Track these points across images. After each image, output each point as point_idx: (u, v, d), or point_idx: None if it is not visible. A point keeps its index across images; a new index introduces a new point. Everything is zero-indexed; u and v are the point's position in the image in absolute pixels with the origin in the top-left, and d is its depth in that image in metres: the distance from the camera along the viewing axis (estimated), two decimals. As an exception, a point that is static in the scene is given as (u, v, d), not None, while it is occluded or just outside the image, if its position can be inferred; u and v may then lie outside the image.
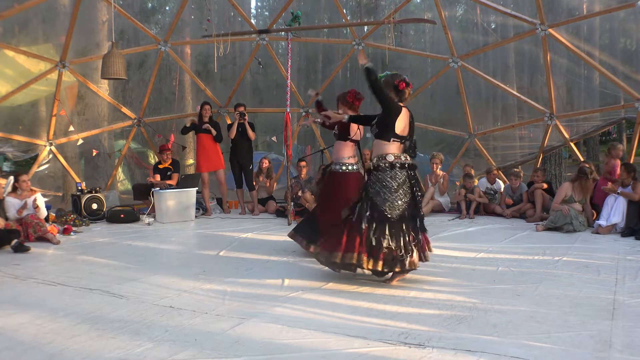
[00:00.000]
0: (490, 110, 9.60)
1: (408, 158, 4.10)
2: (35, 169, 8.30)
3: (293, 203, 7.60)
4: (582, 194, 6.70)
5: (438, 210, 8.24)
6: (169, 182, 7.98)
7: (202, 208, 8.29)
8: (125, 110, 9.15)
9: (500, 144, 9.45)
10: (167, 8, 12.50)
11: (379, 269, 4.01)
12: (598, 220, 6.43)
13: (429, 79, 9.51)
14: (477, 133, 9.07)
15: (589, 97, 8.64)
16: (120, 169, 9.79)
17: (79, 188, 7.88)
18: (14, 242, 5.49)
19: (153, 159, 10.14)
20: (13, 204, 6.11)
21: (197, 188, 7.91)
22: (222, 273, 4.50)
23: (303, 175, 8.25)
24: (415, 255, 4.04)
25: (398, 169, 4.00)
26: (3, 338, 3.01)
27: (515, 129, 9.22)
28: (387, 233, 3.94)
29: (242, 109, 8.22)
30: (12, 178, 6.35)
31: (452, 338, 2.97)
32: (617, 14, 8.07)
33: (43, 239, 5.99)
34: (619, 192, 6.36)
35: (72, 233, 6.57)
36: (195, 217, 7.85)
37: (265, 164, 8.65)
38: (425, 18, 8.51)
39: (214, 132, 8.16)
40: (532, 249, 5.44)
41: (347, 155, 5.03)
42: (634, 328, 3.10)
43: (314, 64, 11.16)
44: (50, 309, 3.52)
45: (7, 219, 5.98)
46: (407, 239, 3.99)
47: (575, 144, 8.72)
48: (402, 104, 4.12)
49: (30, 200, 6.21)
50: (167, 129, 9.92)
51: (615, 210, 6.29)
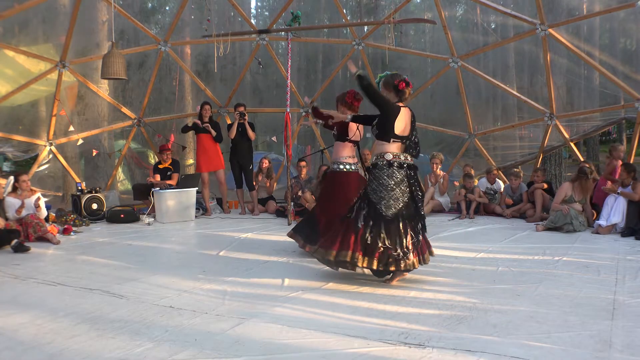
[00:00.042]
0: (490, 110, 9.60)
1: (408, 158, 4.09)
2: (35, 169, 8.30)
3: (293, 203, 7.60)
4: (582, 194, 6.70)
5: (438, 210, 8.24)
6: (169, 182, 7.98)
7: (202, 208, 8.29)
8: (125, 110, 9.15)
9: (500, 144, 9.45)
10: (167, 8, 12.51)
11: (374, 268, 4.01)
12: (598, 220, 6.43)
13: (429, 79, 9.51)
14: (477, 133, 9.07)
15: (589, 97, 8.64)
16: (120, 169, 9.79)
17: (79, 188, 7.88)
18: (14, 242, 5.49)
19: (153, 159, 10.14)
20: (13, 204, 6.11)
21: (197, 188, 7.91)
22: (222, 273, 4.50)
23: (303, 175, 8.25)
24: (412, 256, 4.00)
25: (396, 168, 4.00)
26: (3, 338, 3.01)
27: (515, 129, 9.22)
28: (382, 232, 3.94)
29: (242, 109, 8.22)
30: (12, 178, 6.36)
31: (452, 338, 2.96)
32: (617, 14, 8.07)
33: (43, 239, 5.99)
34: (619, 192, 6.37)
35: (72, 233, 6.57)
36: (195, 217, 7.85)
37: (265, 164, 8.65)
38: (425, 18, 8.52)
39: (214, 132, 8.16)
40: (532, 249, 5.44)
41: (345, 155, 5.06)
42: (634, 328, 3.10)
43: (314, 64, 11.16)
44: (50, 309, 3.52)
45: (7, 219, 5.98)
46: (403, 239, 3.96)
47: (575, 144, 8.72)
48: (402, 104, 4.12)
49: (29, 200, 6.21)
50: (167, 129, 9.92)
51: (615, 210, 6.29)
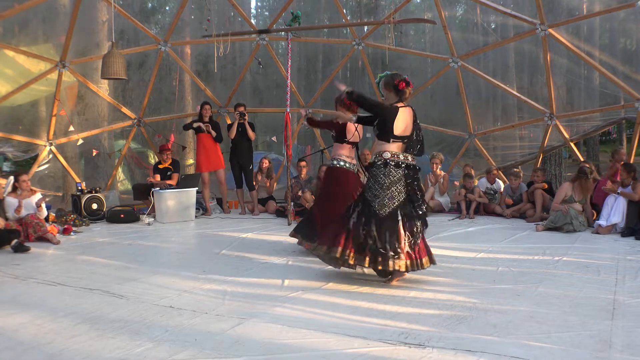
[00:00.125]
0: (490, 110, 9.60)
1: (409, 157, 4.08)
2: (35, 169, 8.30)
3: (293, 203, 7.61)
4: (582, 194, 6.70)
5: (438, 210, 8.24)
6: (169, 182, 7.98)
7: (202, 208, 8.29)
8: (125, 110, 9.15)
9: (500, 144, 9.45)
10: (167, 8, 12.52)
11: (365, 265, 4.03)
12: (598, 220, 6.43)
13: (429, 79, 9.51)
14: (477, 133, 9.07)
15: (589, 97, 8.64)
16: (120, 169, 9.80)
17: (79, 188, 7.88)
18: (14, 242, 5.49)
19: (153, 159, 10.14)
20: (13, 204, 6.11)
21: (197, 188, 7.91)
22: (222, 273, 4.50)
23: (303, 175, 8.25)
24: (405, 257, 3.94)
25: (393, 167, 4.00)
26: (3, 338, 3.01)
27: (515, 129, 9.22)
28: (374, 230, 3.94)
29: (242, 109, 8.21)
30: (12, 178, 6.36)
31: (452, 338, 2.96)
32: (617, 14, 8.07)
33: (43, 239, 5.99)
34: (619, 192, 6.37)
35: (72, 233, 6.57)
36: (195, 217, 7.85)
37: (265, 164, 8.65)
38: (425, 18, 8.51)
39: (214, 133, 8.16)
40: (532, 249, 5.44)
41: (344, 155, 5.12)
42: (634, 328, 3.10)
43: (314, 64, 11.16)
44: (50, 309, 3.52)
45: (7, 219, 5.98)
46: (395, 238, 3.92)
47: (575, 144, 8.72)
48: (403, 104, 4.12)
49: (28, 200, 6.20)
50: (167, 129, 9.92)
51: (615, 210, 6.29)
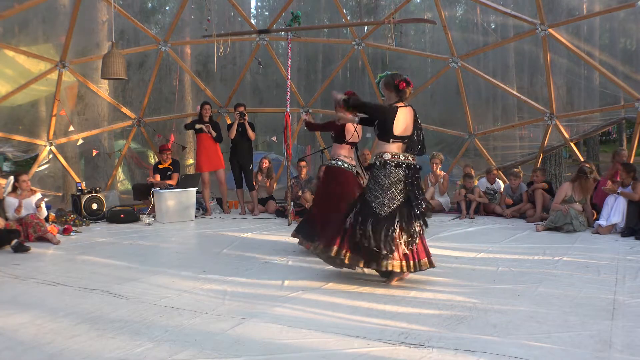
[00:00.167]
0: (490, 110, 9.60)
1: (409, 158, 4.07)
2: (35, 169, 8.30)
3: (293, 203, 7.60)
4: (582, 194, 6.70)
5: (438, 210, 8.23)
6: (169, 182, 7.98)
7: (202, 208, 8.29)
8: (125, 110, 9.15)
9: (500, 144, 9.45)
10: (167, 8, 12.52)
11: (360, 265, 4.05)
12: (598, 220, 6.42)
13: (429, 79, 9.51)
14: (477, 133, 9.07)
15: (589, 97, 8.64)
16: (120, 169, 9.79)
17: (79, 188, 7.88)
18: (14, 242, 5.49)
19: (153, 159, 10.14)
20: (13, 204, 6.11)
21: (197, 188, 7.91)
22: (222, 273, 4.50)
23: (303, 175, 8.25)
24: (398, 257, 3.94)
25: (393, 168, 3.99)
26: (3, 338, 3.01)
27: (515, 129, 9.22)
28: (369, 230, 3.93)
29: (242, 109, 8.21)
30: (12, 178, 6.36)
31: (452, 338, 2.96)
32: (617, 14, 8.07)
33: (43, 239, 5.99)
34: (619, 192, 6.36)
35: (72, 233, 6.57)
36: (195, 217, 7.85)
37: (265, 164, 8.65)
38: (425, 18, 8.51)
39: (214, 133, 8.16)
40: (532, 249, 5.44)
41: (343, 155, 5.14)
42: (634, 328, 3.10)
43: (314, 64, 11.16)
44: (50, 309, 3.52)
45: (7, 219, 5.98)
46: (390, 239, 3.90)
47: (575, 144, 8.72)
48: (403, 103, 4.12)
49: (28, 200, 6.20)
50: (167, 129, 9.92)
51: (615, 210, 6.29)
